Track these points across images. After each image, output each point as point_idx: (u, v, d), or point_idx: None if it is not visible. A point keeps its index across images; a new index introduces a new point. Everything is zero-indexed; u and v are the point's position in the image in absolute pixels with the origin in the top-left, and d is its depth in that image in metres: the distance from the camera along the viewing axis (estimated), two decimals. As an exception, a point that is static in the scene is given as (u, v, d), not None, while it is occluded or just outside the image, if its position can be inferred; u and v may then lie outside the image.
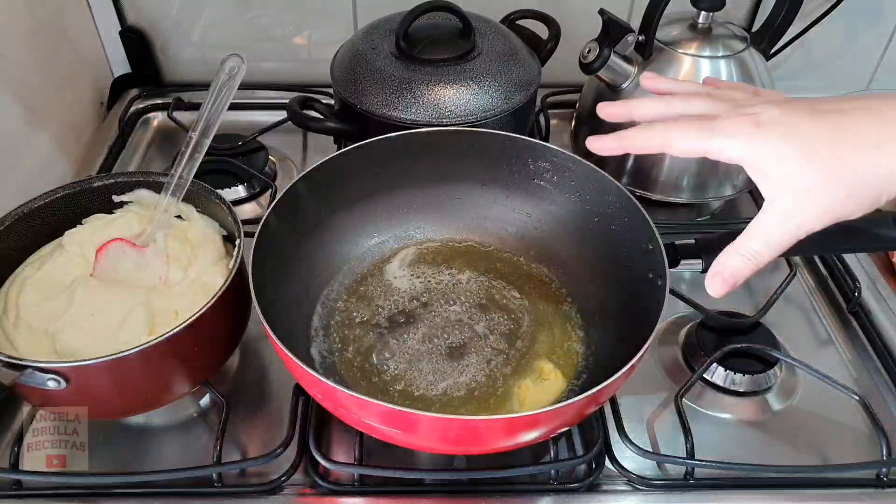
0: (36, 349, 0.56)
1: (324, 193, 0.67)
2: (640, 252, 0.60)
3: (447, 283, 0.70)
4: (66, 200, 0.65)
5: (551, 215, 0.71)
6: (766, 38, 0.82)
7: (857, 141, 0.42)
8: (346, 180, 0.68)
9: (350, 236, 0.71)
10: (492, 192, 0.73)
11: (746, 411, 0.66)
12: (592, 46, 0.77)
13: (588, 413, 0.57)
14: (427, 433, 0.52)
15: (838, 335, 0.74)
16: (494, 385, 0.62)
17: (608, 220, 0.65)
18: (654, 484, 0.60)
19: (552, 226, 0.71)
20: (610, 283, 0.66)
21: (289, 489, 0.59)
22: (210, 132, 0.63)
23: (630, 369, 0.50)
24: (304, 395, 0.63)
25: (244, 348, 0.70)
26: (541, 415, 0.49)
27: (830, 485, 0.60)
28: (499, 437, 0.52)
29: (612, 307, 0.65)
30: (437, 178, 0.72)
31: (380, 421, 0.51)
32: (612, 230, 0.65)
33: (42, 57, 0.85)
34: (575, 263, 0.70)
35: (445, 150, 0.70)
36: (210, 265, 0.62)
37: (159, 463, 0.60)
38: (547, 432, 0.54)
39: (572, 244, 0.70)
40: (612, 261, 0.65)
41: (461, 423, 0.51)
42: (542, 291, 0.70)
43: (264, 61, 1.02)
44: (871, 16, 1.00)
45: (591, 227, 0.67)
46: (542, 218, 0.72)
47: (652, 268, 0.58)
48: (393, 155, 0.69)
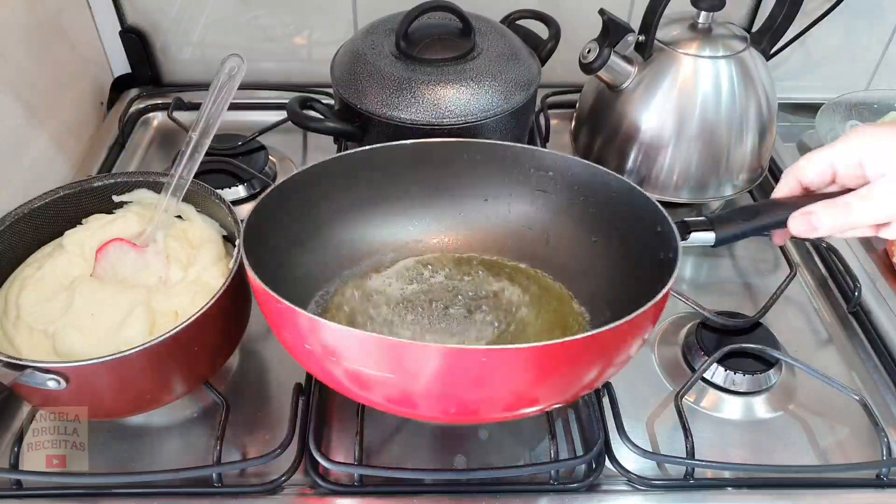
0: (36, 349, 0.56)
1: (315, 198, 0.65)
2: (651, 237, 0.58)
3: (447, 288, 0.68)
4: (66, 200, 0.65)
5: (556, 219, 0.69)
6: (766, 38, 0.82)
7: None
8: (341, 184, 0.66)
9: (344, 244, 0.69)
10: (495, 203, 0.71)
11: (746, 411, 0.66)
12: (592, 46, 0.77)
13: (619, 356, 0.53)
14: (428, 376, 0.48)
15: (838, 335, 0.74)
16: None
17: (614, 215, 0.64)
18: (654, 484, 0.60)
19: (558, 230, 0.69)
20: (622, 278, 0.64)
21: (289, 489, 0.59)
22: (210, 132, 0.63)
23: (663, 298, 0.49)
24: (304, 395, 0.63)
25: (244, 348, 0.70)
26: (572, 343, 0.46)
27: (830, 485, 0.60)
28: (513, 380, 0.48)
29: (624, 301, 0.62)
30: (435, 187, 0.70)
31: (375, 363, 0.48)
32: (619, 224, 0.64)
33: (42, 57, 0.85)
34: (583, 265, 0.68)
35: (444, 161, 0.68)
36: (210, 265, 0.62)
37: (159, 463, 0.60)
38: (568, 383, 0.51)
39: (580, 246, 0.68)
40: (622, 255, 0.64)
41: (469, 356, 0.46)
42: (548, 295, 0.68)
43: (264, 61, 1.02)
44: (871, 16, 1.00)
45: (599, 226, 0.66)
46: (546, 223, 0.70)
47: (664, 247, 0.56)
48: (393, 163, 0.68)
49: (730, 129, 0.78)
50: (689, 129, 0.78)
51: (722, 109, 0.77)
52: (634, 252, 0.62)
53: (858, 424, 0.64)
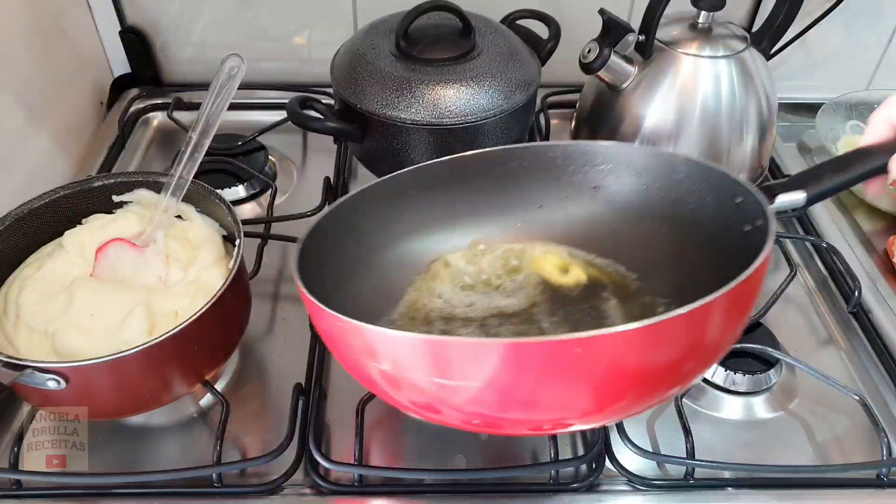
0: (36, 349, 0.56)
1: (363, 225, 0.61)
2: (730, 211, 0.53)
3: (511, 290, 0.63)
4: (66, 200, 0.65)
5: (620, 213, 0.64)
6: (766, 38, 0.82)
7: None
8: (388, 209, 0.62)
9: (400, 264, 0.64)
10: (549, 209, 0.66)
11: (747, 411, 0.66)
12: (592, 46, 0.77)
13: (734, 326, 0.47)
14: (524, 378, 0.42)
15: (838, 335, 0.74)
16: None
17: (683, 196, 0.59)
18: (655, 484, 0.60)
19: (624, 224, 0.64)
20: (703, 262, 0.58)
21: (289, 489, 0.59)
22: (210, 132, 0.63)
23: (764, 261, 0.44)
24: (304, 395, 0.63)
25: (244, 348, 0.70)
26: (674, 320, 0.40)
27: (830, 485, 0.60)
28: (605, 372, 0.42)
29: (713, 285, 0.54)
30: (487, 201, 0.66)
31: (458, 371, 0.43)
32: (692, 205, 0.59)
33: (42, 57, 0.85)
34: (659, 257, 0.62)
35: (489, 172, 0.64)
36: (210, 265, 0.62)
37: (159, 463, 0.60)
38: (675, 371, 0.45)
39: (652, 238, 0.62)
40: (700, 239, 0.59)
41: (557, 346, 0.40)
42: (621, 293, 0.62)
43: (264, 61, 1.02)
44: (871, 16, 1.00)
45: (670, 212, 0.61)
46: (609, 219, 0.64)
47: (748, 217, 0.52)
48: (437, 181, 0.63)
49: (730, 128, 0.78)
50: (689, 129, 0.78)
51: (722, 109, 0.78)
52: (713, 232, 0.57)
53: (858, 424, 0.64)
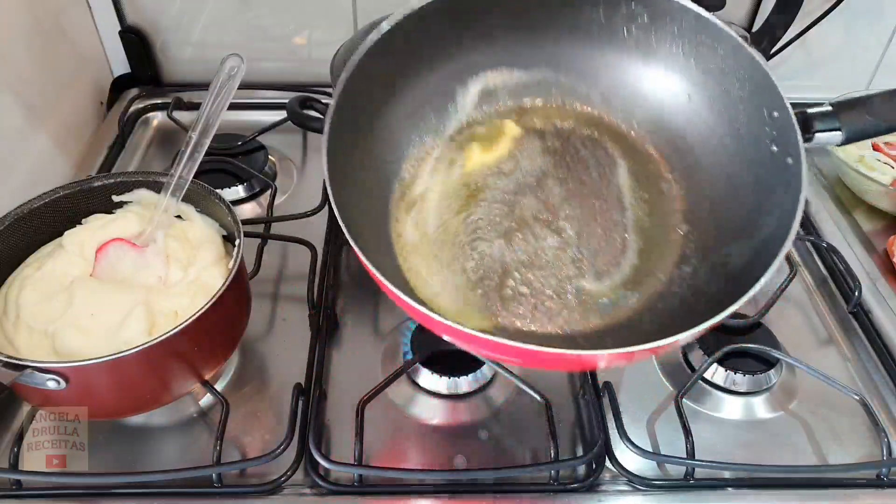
0: (36, 349, 0.56)
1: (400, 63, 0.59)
2: (761, 120, 0.49)
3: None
4: (66, 200, 0.64)
5: (650, 69, 0.58)
6: (766, 38, 0.82)
7: None
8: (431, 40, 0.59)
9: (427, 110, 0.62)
10: (584, 43, 0.60)
11: (747, 411, 0.66)
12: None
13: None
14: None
15: (838, 335, 0.74)
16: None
17: (720, 78, 0.54)
18: (655, 484, 0.60)
19: (647, 80, 0.59)
20: (722, 157, 0.54)
21: (289, 489, 0.59)
22: (210, 132, 0.63)
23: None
24: (303, 395, 0.63)
25: (244, 348, 0.70)
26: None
27: (830, 485, 0.60)
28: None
29: (721, 195, 0.51)
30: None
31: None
32: (725, 90, 0.54)
33: (42, 57, 0.85)
34: (681, 138, 0.58)
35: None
36: (210, 265, 0.62)
37: (159, 463, 0.60)
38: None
39: (676, 114, 0.58)
40: (725, 131, 0.54)
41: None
42: (646, 170, 0.58)
43: (264, 61, 1.02)
44: (871, 16, 1.00)
45: (698, 90, 0.56)
46: (639, 81, 0.59)
47: (777, 139, 0.48)
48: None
49: (730, 128, 0.78)
50: (689, 129, 0.77)
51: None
52: (742, 132, 0.53)
53: (858, 424, 0.64)
